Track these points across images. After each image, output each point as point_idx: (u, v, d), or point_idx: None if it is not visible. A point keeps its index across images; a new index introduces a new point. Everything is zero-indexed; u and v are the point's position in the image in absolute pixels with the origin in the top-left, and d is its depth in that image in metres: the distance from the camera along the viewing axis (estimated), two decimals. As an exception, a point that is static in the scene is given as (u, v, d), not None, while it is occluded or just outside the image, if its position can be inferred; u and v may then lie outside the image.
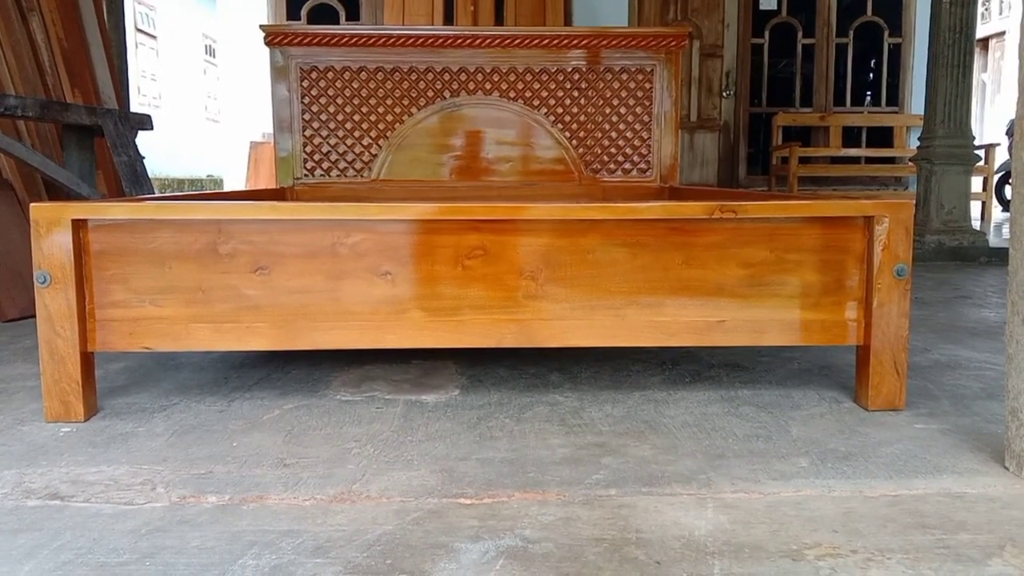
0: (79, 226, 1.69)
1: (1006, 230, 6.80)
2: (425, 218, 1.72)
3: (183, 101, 13.76)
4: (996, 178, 7.67)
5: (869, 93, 8.31)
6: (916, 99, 7.75)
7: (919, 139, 4.90)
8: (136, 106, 11.53)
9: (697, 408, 1.81)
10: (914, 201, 4.96)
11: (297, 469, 1.44)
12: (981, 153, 6.97)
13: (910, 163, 5.12)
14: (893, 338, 1.76)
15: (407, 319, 1.75)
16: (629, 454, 1.51)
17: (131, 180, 3.22)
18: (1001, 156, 7.74)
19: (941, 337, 2.57)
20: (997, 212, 7.80)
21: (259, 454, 1.51)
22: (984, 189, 7.31)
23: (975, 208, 6.89)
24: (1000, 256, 4.69)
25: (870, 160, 7.84)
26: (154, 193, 3.37)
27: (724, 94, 7.87)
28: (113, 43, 4.67)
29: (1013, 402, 1.40)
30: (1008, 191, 8.43)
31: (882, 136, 7.94)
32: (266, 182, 7.82)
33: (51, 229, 1.66)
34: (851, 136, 7.93)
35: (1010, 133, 8.22)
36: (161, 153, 11.26)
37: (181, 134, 12.68)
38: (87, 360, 1.73)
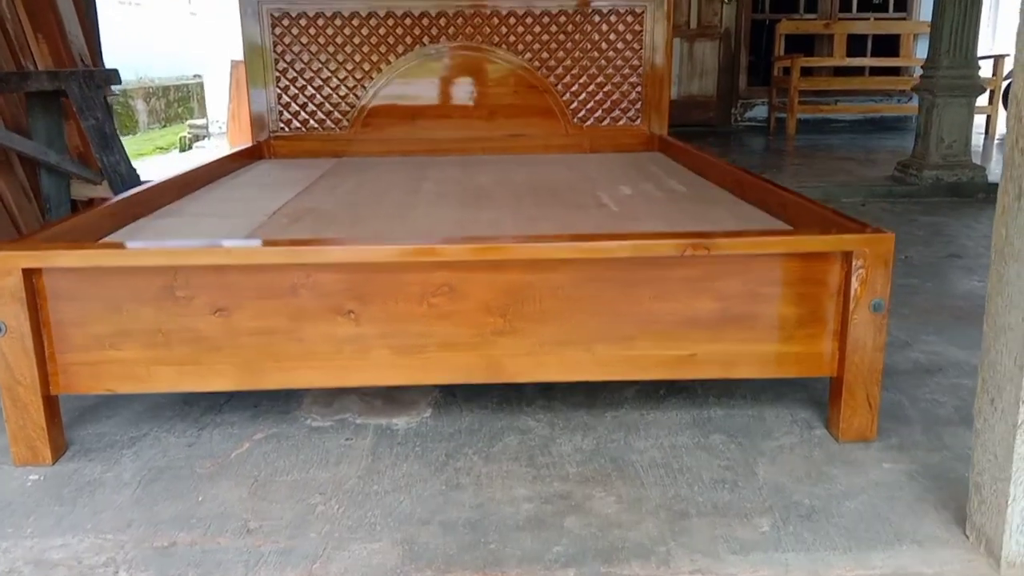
0: (32, 271, 1.64)
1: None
2: (388, 260, 1.66)
3: (165, -4, 13.16)
4: (1004, 86, 7.41)
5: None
6: (925, 4, 7.42)
7: (921, 68, 4.71)
8: (114, 4, 11.05)
9: (667, 438, 1.80)
10: (914, 132, 4.82)
11: (259, 538, 1.44)
12: (986, 74, 6.71)
13: (911, 91, 4.94)
14: (867, 372, 1.73)
15: (372, 357, 1.72)
16: (593, 511, 1.52)
17: (100, 144, 3.11)
18: (1010, 65, 7.45)
19: (924, 323, 2.54)
20: (1003, 125, 7.57)
21: (224, 514, 1.52)
22: (990, 102, 7.08)
23: (978, 119, 6.70)
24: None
25: (875, 72, 7.56)
26: (125, 154, 3.26)
27: (725, 0, 7.52)
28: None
29: (977, 477, 1.39)
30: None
31: (888, 46, 7.63)
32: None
33: (1, 279, 1.61)
34: (856, 46, 7.62)
35: None
36: (144, 53, 10.89)
37: (163, 32, 12.20)
38: (51, 403, 1.71)
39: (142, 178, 5.02)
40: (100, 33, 4.80)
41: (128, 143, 8.60)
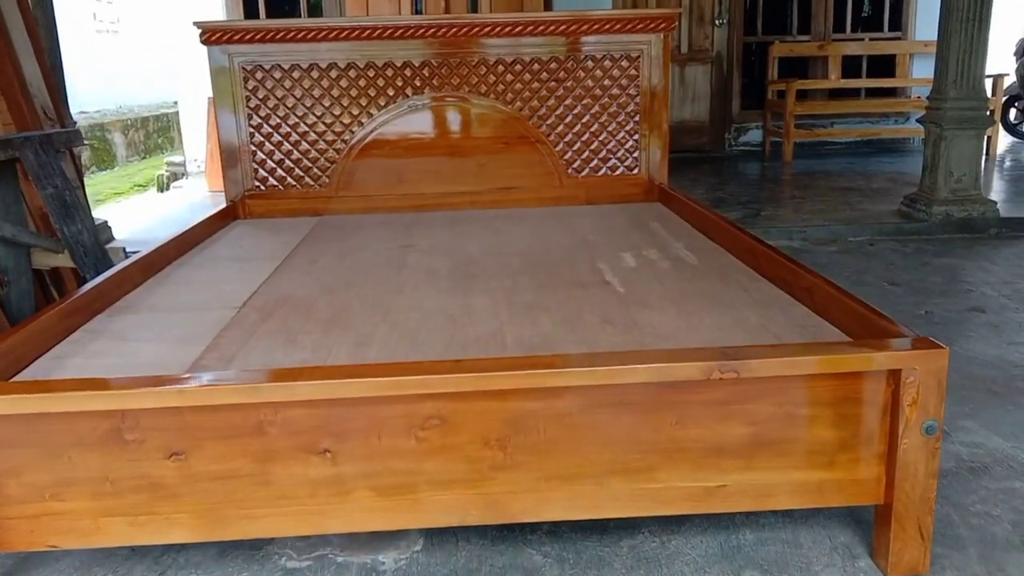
0: (-48, 417, 1.41)
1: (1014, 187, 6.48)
2: (367, 395, 1.44)
3: (144, 23, 12.93)
4: (1003, 101, 7.27)
5: (867, 13, 7.76)
6: (921, 22, 7.26)
7: (927, 98, 4.52)
8: (92, 34, 10.82)
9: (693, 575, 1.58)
10: (921, 167, 4.63)
11: None
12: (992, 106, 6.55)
13: (918, 123, 4.75)
14: (919, 501, 1.52)
15: (353, 500, 1.50)
16: None
17: (60, 214, 2.88)
18: (1008, 82, 7.29)
19: (959, 402, 2.33)
20: (1003, 145, 7.43)
21: None
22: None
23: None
24: (1012, 226, 4.41)
25: (871, 93, 7.39)
26: (89, 222, 3.02)
27: (717, 22, 7.32)
28: (41, 22, 4.19)
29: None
30: (1013, 114, 8.03)
31: (884, 66, 7.47)
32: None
33: (-85, 431, 1.38)
34: (851, 67, 7.46)
35: (1020, 53, 7.75)
36: (125, 81, 10.66)
37: (143, 59, 11.95)
38: (-20, 565, 1.48)
39: (114, 233, 4.80)
40: (64, 79, 4.58)
41: (105, 179, 8.35)
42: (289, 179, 3.37)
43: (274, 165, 3.35)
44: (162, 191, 6.89)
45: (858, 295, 1.81)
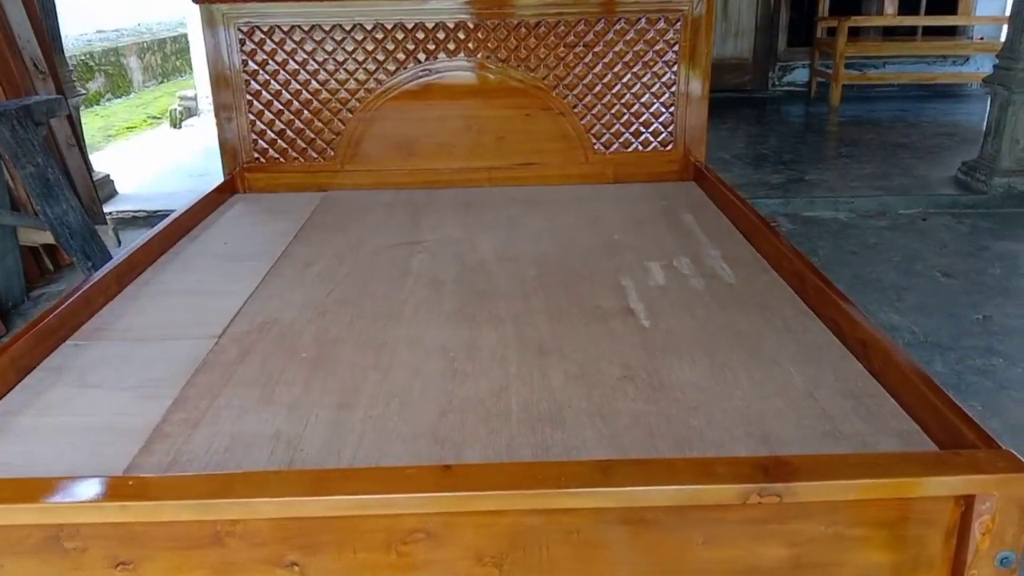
0: None
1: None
2: (335, 515, 1.22)
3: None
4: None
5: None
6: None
7: (996, 57, 4.10)
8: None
9: None
10: (984, 130, 4.23)
11: None
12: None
13: (983, 84, 4.32)
14: (988, 638, 1.29)
15: (325, 619, 1.30)
16: None
17: (42, 193, 2.66)
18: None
19: None
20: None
21: None
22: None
23: None
24: (1080, 202, 4.04)
25: (928, 33, 6.84)
26: (73, 201, 2.80)
27: (765, -49, 6.77)
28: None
29: None
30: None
31: (944, 2, 6.89)
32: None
33: None
34: (909, 3, 6.89)
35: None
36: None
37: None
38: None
39: (117, 187, 4.54)
40: (58, 20, 4.26)
41: (120, 109, 8.10)
42: (291, 151, 3.10)
43: (274, 136, 3.08)
44: (175, 126, 6.64)
45: (907, 289, 1.54)
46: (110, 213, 4.23)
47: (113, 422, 1.56)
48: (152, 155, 5.65)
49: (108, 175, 4.49)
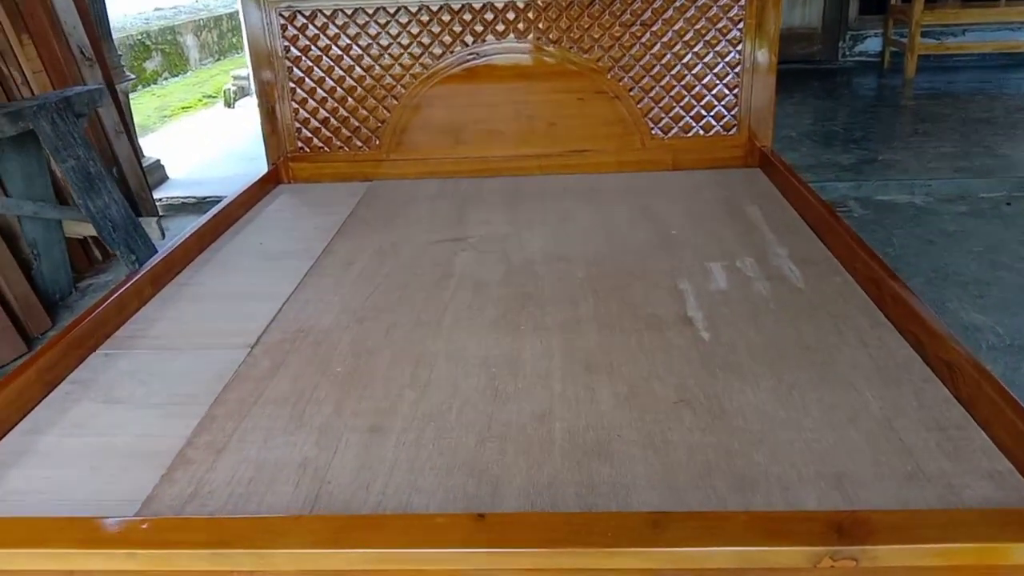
0: None
1: None
2: (361, 568, 1.12)
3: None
4: None
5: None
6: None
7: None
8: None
9: None
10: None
11: None
12: None
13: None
14: None
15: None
16: None
17: (83, 187, 2.62)
18: None
19: None
20: None
21: None
22: None
23: None
24: None
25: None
26: (115, 193, 2.76)
27: (836, -88, 6.39)
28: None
29: None
30: None
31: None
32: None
33: None
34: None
35: None
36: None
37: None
38: None
39: (168, 172, 4.51)
40: (106, 7, 4.22)
41: (176, 89, 8.13)
42: (336, 140, 3.00)
43: (318, 124, 2.98)
44: (229, 106, 6.64)
45: (990, 284, 1.37)
46: (160, 199, 4.21)
47: (137, 444, 1.49)
48: (205, 137, 5.64)
49: (159, 160, 4.47)
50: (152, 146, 5.48)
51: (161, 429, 1.53)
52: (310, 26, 2.85)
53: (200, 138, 5.52)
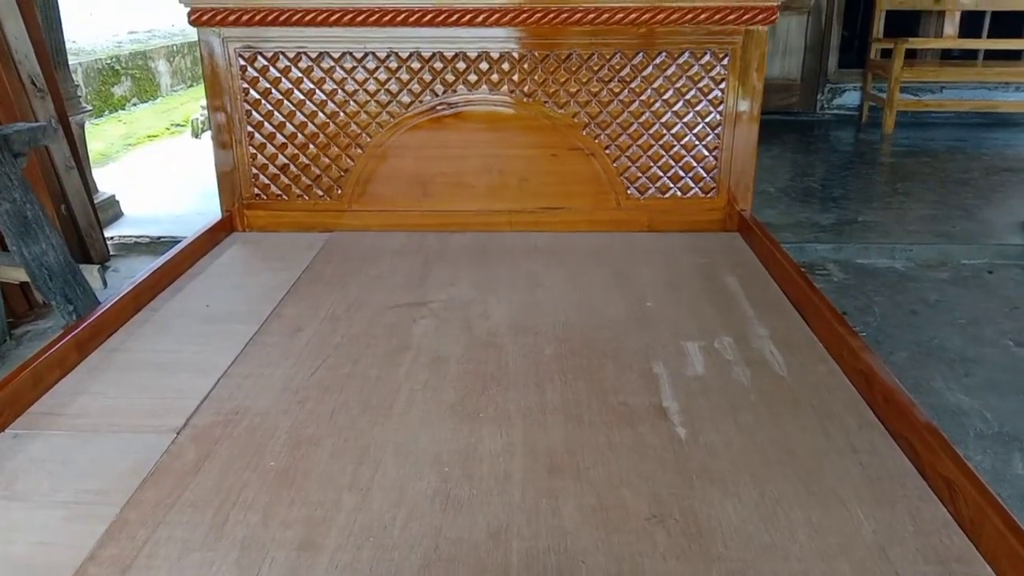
0: None
1: None
2: None
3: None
4: None
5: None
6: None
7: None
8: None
9: None
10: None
11: None
12: None
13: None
14: None
15: None
16: None
17: (19, 233, 2.43)
18: None
19: None
20: None
21: None
22: None
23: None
24: None
25: (990, 57, 6.42)
26: (54, 239, 2.57)
27: (817, -33, 6.40)
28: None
29: None
30: None
31: (1009, 24, 6.46)
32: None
33: None
34: (970, 25, 6.47)
35: None
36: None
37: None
38: None
39: (123, 208, 4.29)
40: (64, 35, 4.03)
41: (143, 115, 7.94)
42: (295, 188, 2.84)
43: (277, 171, 2.81)
44: (196, 136, 6.44)
45: (975, 361, 1.25)
46: (112, 238, 4.00)
47: (33, 555, 1.30)
48: (167, 169, 5.44)
49: (113, 196, 4.25)
50: (111, 177, 5.25)
51: (64, 536, 1.34)
52: (271, 68, 2.70)
53: (162, 170, 5.32)
